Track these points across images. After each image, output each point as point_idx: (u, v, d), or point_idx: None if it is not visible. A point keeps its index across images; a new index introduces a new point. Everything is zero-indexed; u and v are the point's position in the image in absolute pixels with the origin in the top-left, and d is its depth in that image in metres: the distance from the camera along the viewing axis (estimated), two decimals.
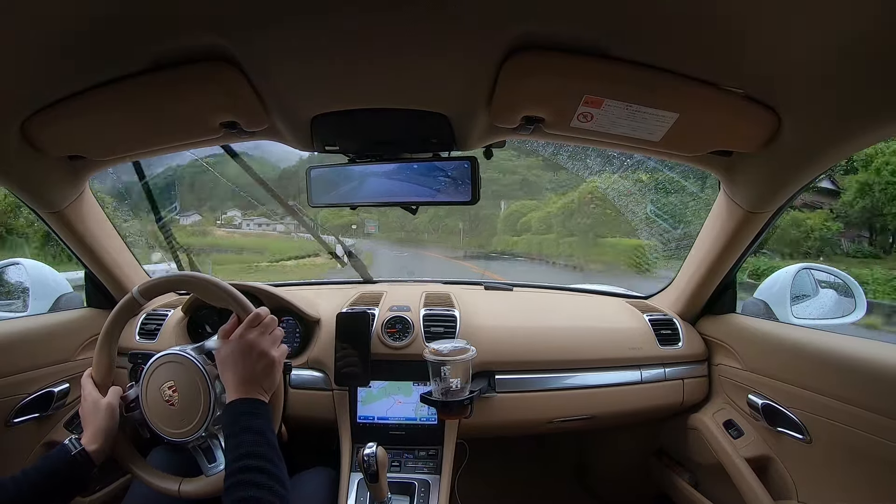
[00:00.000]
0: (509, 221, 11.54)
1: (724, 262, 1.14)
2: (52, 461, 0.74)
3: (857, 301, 1.17)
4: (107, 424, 0.79)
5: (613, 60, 0.64)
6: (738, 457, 1.09)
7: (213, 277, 0.83)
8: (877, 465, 0.84)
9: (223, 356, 0.76)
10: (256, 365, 0.74)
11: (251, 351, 0.74)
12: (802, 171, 0.83)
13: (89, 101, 0.72)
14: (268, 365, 0.75)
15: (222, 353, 0.76)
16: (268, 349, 0.76)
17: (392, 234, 11.69)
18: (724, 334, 1.23)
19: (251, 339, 0.75)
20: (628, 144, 0.84)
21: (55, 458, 0.74)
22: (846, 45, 0.55)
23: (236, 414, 0.70)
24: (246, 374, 0.73)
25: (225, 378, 0.75)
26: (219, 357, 0.77)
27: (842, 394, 0.88)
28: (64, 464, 0.74)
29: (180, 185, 2.29)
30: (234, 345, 0.75)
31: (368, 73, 0.71)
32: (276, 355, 0.77)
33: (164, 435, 0.79)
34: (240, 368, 0.73)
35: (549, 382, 1.16)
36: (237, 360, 0.74)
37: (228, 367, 0.74)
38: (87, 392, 0.83)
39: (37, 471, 0.72)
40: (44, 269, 1.32)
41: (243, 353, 0.74)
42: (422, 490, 1.07)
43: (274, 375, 0.77)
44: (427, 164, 0.94)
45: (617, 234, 7.43)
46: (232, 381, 0.73)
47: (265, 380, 0.75)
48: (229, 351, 0.75)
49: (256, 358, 0.74)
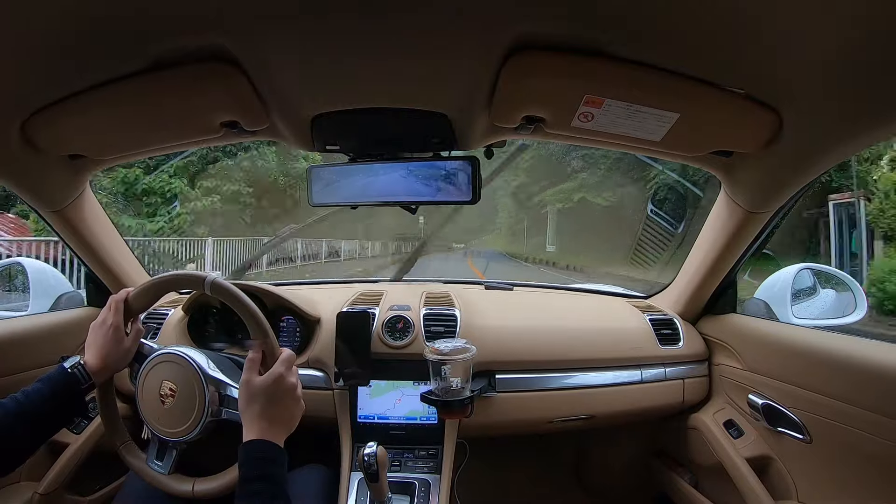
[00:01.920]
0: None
1: (724, 262, 1.14)
2: (52, 382, 0.73)
3: (857, 301, 1.17)
4: (115, 364, 0.79)
5: (614, 60, 0.64)
6: (739, 457, 1.09)
7: (252, 304, 0.80)
8: (877, 465, 0.84)
9: (255, 390, 0.72)
10: (292, 409, 0.73)
11: (291, 394, 0.73)
12: (803, 171, 0.83)
13: (89, 101, 0.72)
14: (300, 410, 0.75)
15: (256, 384, 0.72)
16: (301, 394, 0.75)
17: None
18: (725, 334, 1.23)
19: (293, 382, 0.74)
20: (629, 144, 0.84)
21: (60, 383, 0.74)
22: (847, 45, 0.55)
23: (257, 458, 0.68)
24: (276, 416, 0.71)
25: (250, 411, 0.71)
26: (250, 389, 0.72)
27: (842, 394, 0.88)
28: (71, 390, 0.74)
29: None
30: (274, 382, 0.72)
31: (369, 72, 0.71)
32: (302, 406, 0.76)
33: (156, 432, 0.79)
34: (272, 409, 0.71)
35: (550, 382, 1.16)
36: (272, 401, 0.71)
37: (259, 403, 0.71)
38: (112, 315, 0.80)
39: (38, 392, 0.72)
40: (44, 269, 1.32)
41: (282, 395, 0.72)
42: (422, 490, 1.07)
43: (296, 423, 0.75)
44: (428, 164, 0.94)
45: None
46: (259, 418, 0.70)
47: (291, 426, 0.74)
48: (264, 386, 0.72)
49: (294, 402, 0.73)
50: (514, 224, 19.12)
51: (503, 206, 17.58)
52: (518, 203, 16.55)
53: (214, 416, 0.79)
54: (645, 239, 2.56)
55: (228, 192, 8.59)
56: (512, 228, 19.29)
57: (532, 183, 15.17)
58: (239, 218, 8.95)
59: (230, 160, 8.58)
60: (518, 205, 16.69)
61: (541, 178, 15.10)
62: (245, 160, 8.81)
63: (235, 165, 8.74)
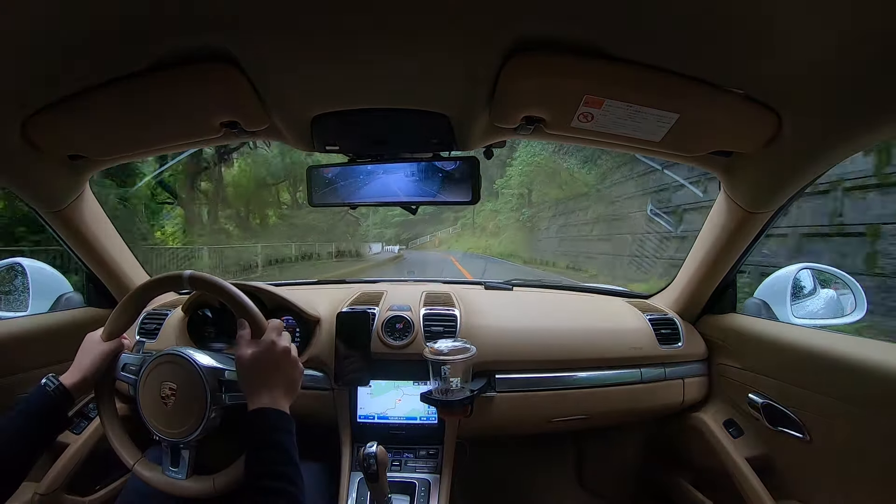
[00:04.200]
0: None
1: (724, 261, 1.14)
2: (31, 403, 0.74)
3: (857, 301, 1.17)
4: (91, 364, 0.80)
5: (614, 60, 0.64)
6: (739, 456, 1.09)
7: (251, 303, 0.80)
8: (877, 464, 0.84)
9: (250, 361, 0.71)
10: (290, 373, 0.73)
11: (286, 357, 0.73)
12: (802, 172, 0.83)
13: (89, 101, 0.72)
14: (299, 373, 0.74)
15: (249, 355, 0.72)
16: (297, 357, 0.75)
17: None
18: (725, 334, 1.23)
19: (285, 346, 0.73)
20: (629, 145, 0.84)
21: (35, 397, 0.75)
22: (847, 46, 0.55)
23: (266, 427, 0.67)
24: (275, 382, 0.71)
25: (250, 382, 0.71)
26: (244, 362, 0.72)
27: (842, 393, 0.88)
28: (45, 402, 0.75)
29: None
30: (266, 350, 0.72)
31: (369, 73, 0.71)
32: (302, 368, 0.76)
33: (158, 433, 0.79)
34: (270, 376, 0.71)
35: (550, 382, 1.16)
36: (268, 368, 0.71)
37: (256, 373, 0.71)
38: (93, 333, 0.84)
39: (20, 415, 0.73)
40: (44, 269, 1.32)
41: (277, 360, 0.72)
42: (422, 489, 1.07)
43: (298, 387, 0.75)
44: (427, 164, 0.94)
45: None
46: (259, 387, 0.70)
47: (294, 390, 0.73)
48: (257, 355, 0.71)
49: (291, 365, 0.73)
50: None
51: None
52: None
53: (217, 405, 0.79)
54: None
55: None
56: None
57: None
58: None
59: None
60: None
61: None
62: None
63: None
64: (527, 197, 16.20)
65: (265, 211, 13.25)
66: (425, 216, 19.88)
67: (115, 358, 0.84)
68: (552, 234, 14.42)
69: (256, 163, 11.94)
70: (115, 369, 0.84)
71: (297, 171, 11.61)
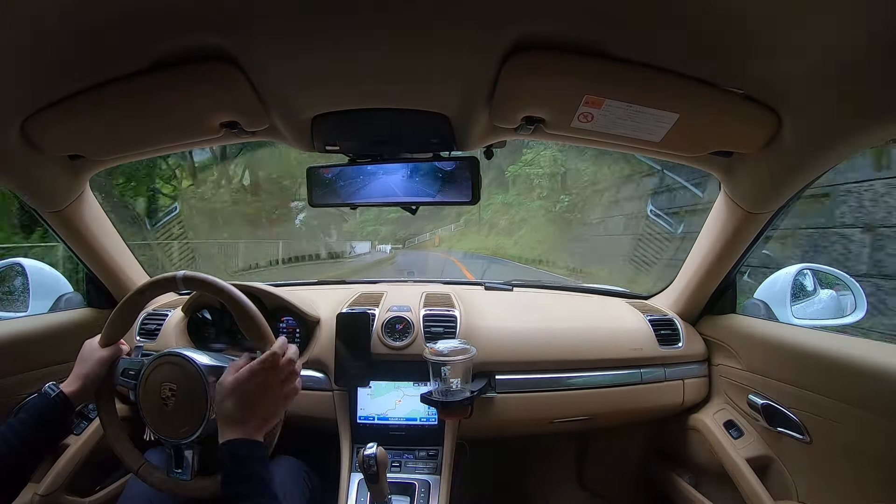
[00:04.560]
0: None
1: (724, 262, 1.14)
2: (33, 411, 0.75)
3: (857, 301, 1.17)
4: (90, 371, 0.80)
5: (614, 60, 0.64)
6: (739, 457, 1.09)
7: (248, 302, 0.79)
8: (877, 465, 0.84)
9: (226, 389, 0.70)
10: (265, 407, 0.71)
11: (268, 390, 0.71)
12: (802, 172, 0.83)
13: (89, 101, 0.72)
14: (277, 406, 0.73)
15: (226, 384, 0.70)
16: (281, 393, 0.73)
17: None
18: (725, 334, 1.23)
19: (265, 380, 0.71)
20: (629, 145, 0.84)
21: (35, 406, 0.76)
22: (847, 46, 0.55)
23: (239, 457, 0.66)
24: (247, 416, 0.69)
25: (223, 409, 0.70)
26: (221, 389, 0.71)
27: (842, 394, 0.88)
28: (46, 410, 0.75)
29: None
30: (246, 380, 0.70)
31: (369, 73, 0.71)
32: (285, 399, 0.74)
33: (158, 434, 0.79)
34: (243, 408, 0.69)
35: (550, 383, 1.16)
36: (243, 399, 0.69)
37: (230, 401, 0.69)
38: (91, 340, 0.84)
39: (21, 422, 0.73)
40: (44, 269, 1.32)
41: (253, 392, 0.70)
42: (422, 490, 1.07)
43: (277, 419, 0.74)
44: (427, 165, 0.94)
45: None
46: (231, 417, 0.69)
47: (271, 421, 0.72)
48: (234, 386, 0.70)
49: (270, 399, 0.71)
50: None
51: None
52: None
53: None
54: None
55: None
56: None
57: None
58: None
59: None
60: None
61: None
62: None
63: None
64: (560, 180, 12.18)
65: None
66: (426, 213, 17.10)
67: (114, 364, 0.84)
68: (611, 229, 9.20)
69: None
70: (115, 375, 0.84)
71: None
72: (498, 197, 15.89)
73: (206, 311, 1.23)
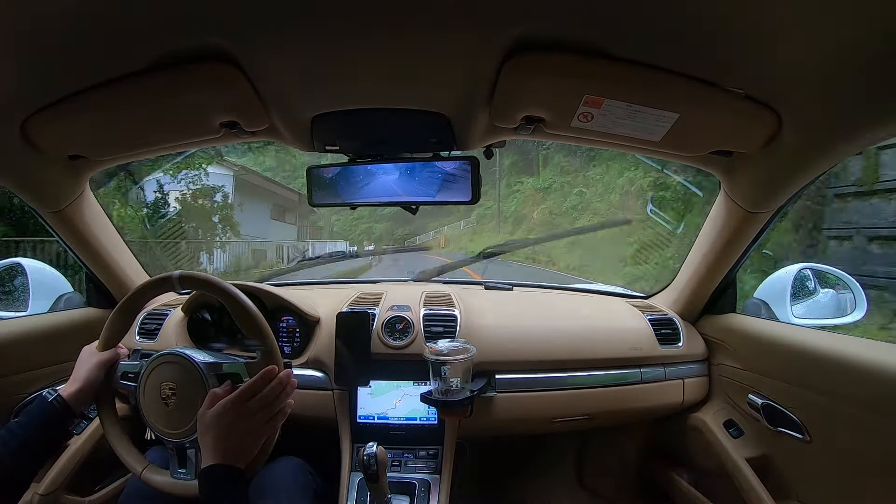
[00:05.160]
0: None
1: (724, 261, 1.14)
2: (35, 415, 0.76)
3: (857, 301, 1.17)
4: (89, 375, 0.81)
5: (613, 60, 0.64)
6: (739, 456, 1.09)
7: (251, 305, 0.79)
8: (877, 464, 0.84)
9: (206, 424, 0.70)
10: (242, 442, 0.70)
11: (238, 427, 0.70)
12: (802, 171, 0.83)
13: (89, 101, 0.72)
14: (255, 440, 0.72)
15: (207, 421, 0.70)
16: (256, 428, 0.71)
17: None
18: (725, 334, 1.23)
19: (239, 416, 0.70)
20: (629, 144, 0.84)
21: (38, 411, 0.76)
22: (847, 45, 0.55)
23: (217, 482, 0.67)
24: (228, 447, 0.69)
25: (204, 441, 0.70)
26: (202, 422, 0.71)
27: (842, 394, 0.88)
28: (47, 416, 0.76)
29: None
30: (219, 416, 0.70)
31: (369, 73, 0.71)
32: (265, 432, 0.73)
33: (159, 434, 0.79)
34: (222, 441, 0.69)
35: (550, 382, 1.16)
36: (222, 434, 0.69)
37: (211, 435, 0.69)
38: (89, 345, 0.84)
39: (21, 427, 0.74)
40: (44, 269, 1.32)
41: (228, 429, 0.69)
42: (422, 490, 1.07)
43: (258, 447, 0.73)
44: (427, 164, 0.94)
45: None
46: (212, 447, 0.69)
47: (248, 452, 0.71)
48: (213, 421, 0.70)
49: (242, 436, 0.70)
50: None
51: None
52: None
53: None
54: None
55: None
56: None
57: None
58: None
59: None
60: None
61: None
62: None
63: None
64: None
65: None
66: (428, 207, 13.66)
67: (113, 367, 0.84)
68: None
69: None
70: (114, 378, 0.85)
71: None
72: (526, 182, 11.99)
73: (206, 311, 1.23)
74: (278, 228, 14.08)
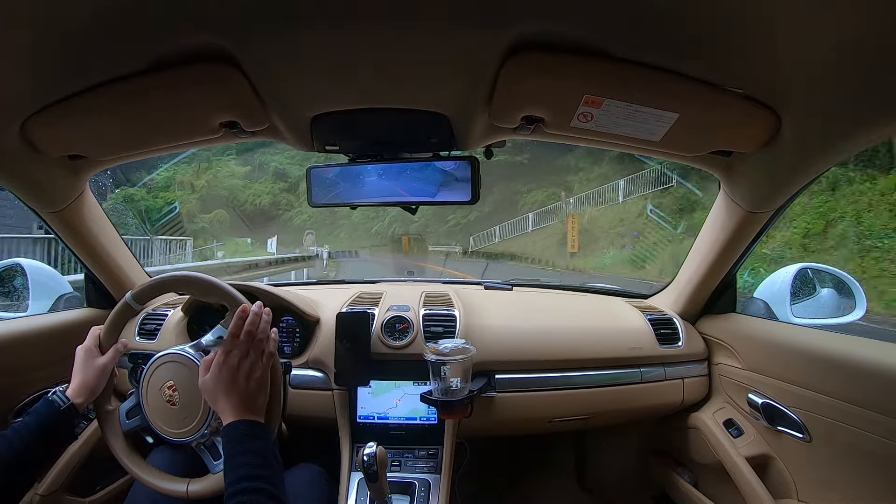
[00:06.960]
0: None
1: (724, 261, 1.15)
2: (42, 418, 0.76)
3: (857, 300, 1.17)
4: (94, 382, 0.81)
5: (613, 60, 0.64)
6: (739, 456, 1.09)
7: (200, 274, 0.82)
8: (877, 464, 0.84)
9: (209, 388, 0.73)
10: (247, 387, 0.72)
11: (237, 375, 0.72)
12: (802, 171, 0.83)
13: (89, 101, 0.72)
14: (258, 380, 0.73)
15: (207, 384, 0.73)
16: (253, 366, 0.73)
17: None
18: (724, 334, 1.23)
19: (233, 364, 0.72)
20: (629, 144, 0.84)
21: (45, 413, 0.76)
22: (846, 45, 0.55)
23: (236, 436, 0.68)
24: (237, 398, 0.71)
25: (217, 406, 0.72)
26: (205, 389, 0.74)
27: (842, 393, 0.88)
28: (54, 419, 0.76)
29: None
30: (217, 374, 0.72)
31: (368, 73, 0.71)
32: (262, 369, 0.74)
33: (166, 435, 0.79)
34: (231, 396, 0.71)
35: (549, 382, 1.16)
36: (226, 389, 0.71)
37: (219, 395, 0.72)
38: (87, 342, 0.84)
39: (28, 429, 0.74)
40: (44, 270, 1.32)
41: (229, 381, 0.71)
42: (422, 490, 1.07)
43: (266, 388, 0.74)
44: (427, 164, 0.94)
45: None
46: (225, 407, 0.71)
47: (259, 396, 0.73)
48: (213, 382, 0.72)
49: (244, 380, 0.72)
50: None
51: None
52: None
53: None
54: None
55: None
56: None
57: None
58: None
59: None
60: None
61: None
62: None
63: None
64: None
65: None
66: (427, 212, 12.10)
67: (112, 371, 0.85)
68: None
69: None
70: (113, 383, 0.85)
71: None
72: (578, 175, 8.95)
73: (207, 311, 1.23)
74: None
